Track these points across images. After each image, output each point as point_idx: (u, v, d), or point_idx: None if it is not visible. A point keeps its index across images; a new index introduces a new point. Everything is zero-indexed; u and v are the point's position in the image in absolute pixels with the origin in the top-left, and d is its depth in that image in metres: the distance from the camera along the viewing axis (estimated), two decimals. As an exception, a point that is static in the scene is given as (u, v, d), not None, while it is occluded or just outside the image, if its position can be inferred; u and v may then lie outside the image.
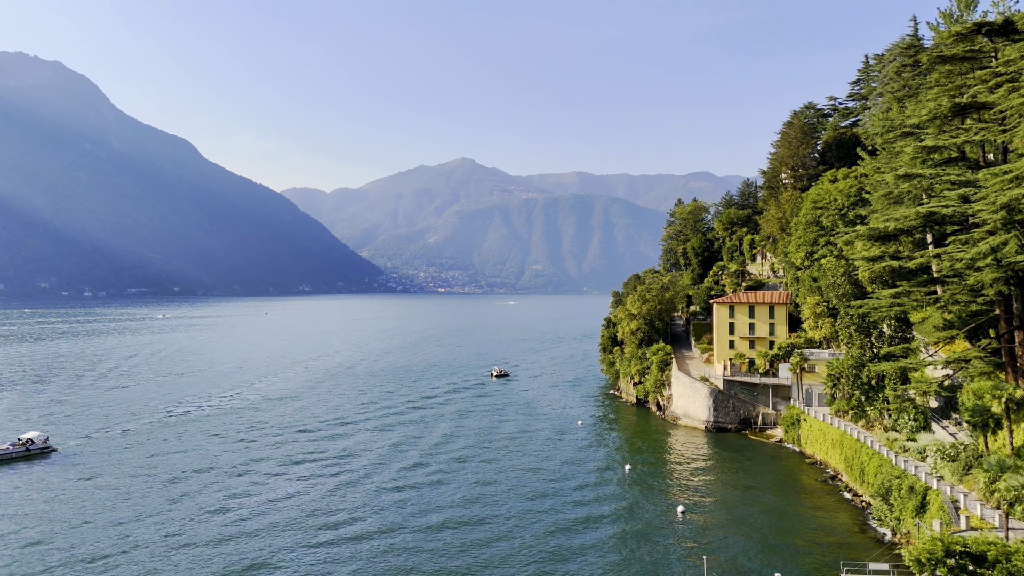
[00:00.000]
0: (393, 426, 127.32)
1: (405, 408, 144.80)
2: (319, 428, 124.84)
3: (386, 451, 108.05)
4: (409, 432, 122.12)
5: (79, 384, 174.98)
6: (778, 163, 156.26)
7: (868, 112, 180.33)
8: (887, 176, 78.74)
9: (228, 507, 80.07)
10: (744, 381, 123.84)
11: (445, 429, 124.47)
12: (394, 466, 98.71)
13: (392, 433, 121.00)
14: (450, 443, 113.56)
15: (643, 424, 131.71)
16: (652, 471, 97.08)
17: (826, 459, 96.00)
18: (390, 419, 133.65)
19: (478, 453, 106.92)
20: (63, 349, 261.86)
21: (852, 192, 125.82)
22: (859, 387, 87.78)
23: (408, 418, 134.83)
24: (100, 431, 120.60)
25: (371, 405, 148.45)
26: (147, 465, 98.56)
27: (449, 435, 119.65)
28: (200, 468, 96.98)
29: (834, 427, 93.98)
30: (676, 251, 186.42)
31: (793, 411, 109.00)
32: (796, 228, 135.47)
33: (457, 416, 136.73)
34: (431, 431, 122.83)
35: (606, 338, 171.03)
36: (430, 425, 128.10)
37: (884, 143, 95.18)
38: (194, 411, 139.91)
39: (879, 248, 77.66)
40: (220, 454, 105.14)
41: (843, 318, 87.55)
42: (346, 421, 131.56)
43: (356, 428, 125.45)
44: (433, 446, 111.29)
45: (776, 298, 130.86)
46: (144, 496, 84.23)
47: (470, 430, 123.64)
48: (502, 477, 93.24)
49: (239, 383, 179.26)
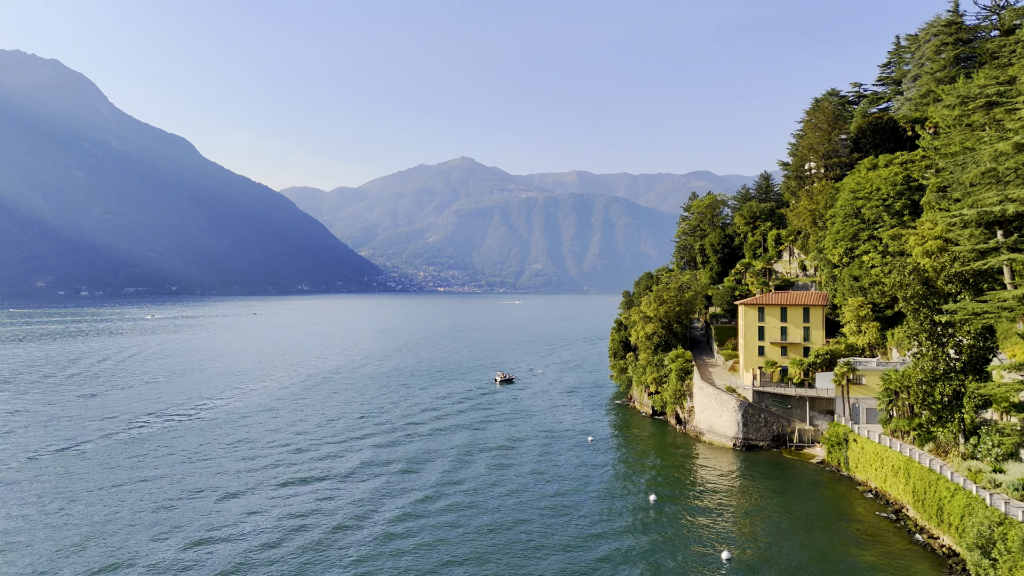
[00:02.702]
0: (383, 449, 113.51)
1: (400, 424, 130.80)
2: (300, 448, 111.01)
3: (373, 483, 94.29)
4: (400, 458, 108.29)
5: (37, 391, 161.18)
6: (806, 151, 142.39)
7: (901, 97, 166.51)
8: (983, 153, 64.78)
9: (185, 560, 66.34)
10: (776, 393, 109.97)
11: (443, 453, 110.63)
12: (383, 506, 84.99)
13: (381, 460, 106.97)
14: (450, 468, 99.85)
15: (662, 440, 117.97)
16: (681, 502, 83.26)
17: (884, 488, 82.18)
18: (381, 439, 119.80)
19: (481, 483, 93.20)
20: (34, 352, 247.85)
21: (898, 180, 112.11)
22: (929, 405, 73.94)
23: (401, 435, 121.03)
24: (46, 449, 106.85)
25: (360, 423, 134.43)
26: (92, 497, 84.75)
27: (449, 459, 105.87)
28: (154, 500, 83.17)
29: (895, 451, 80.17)
30: (693, 247, 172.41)
31: (838, 429, 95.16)
32: (832, 221, 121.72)
33: (458, 433, 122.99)
34: (427, 455, 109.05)
35: (617, 342, 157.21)
36: (426, 446, 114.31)
37: (959, 117, 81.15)
38: (161, 425, 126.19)
39: (969, 239, 63.70)
40: (174, 479, 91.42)
41: (910, 324, 73.76)
42: (331, 441, 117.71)
43: (342, 451, 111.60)
44: (430, 473, 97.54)
45: (811, 299, 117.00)
46: (81, 542, 70.45)
47: (472, 451, 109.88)
48: (509, 507, 79.57)
49: (215, 392, 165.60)
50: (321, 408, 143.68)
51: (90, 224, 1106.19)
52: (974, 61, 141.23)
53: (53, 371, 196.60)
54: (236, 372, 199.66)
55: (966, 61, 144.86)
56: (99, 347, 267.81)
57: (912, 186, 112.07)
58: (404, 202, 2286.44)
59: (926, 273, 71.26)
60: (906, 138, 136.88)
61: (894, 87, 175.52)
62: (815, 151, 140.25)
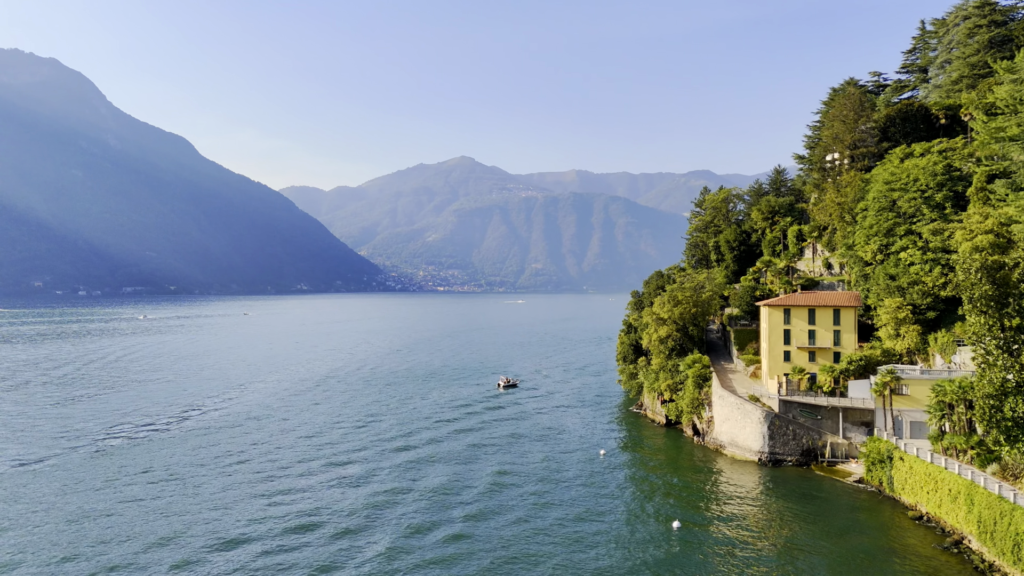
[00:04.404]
0: (371, 464, 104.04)
1: (393, 435, 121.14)
2: (281, 467, 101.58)
3: (358, 510, 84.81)
4: (391, 479, 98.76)
5: (9, 399, 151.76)
6: (830, 140, 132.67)
7: (929, 84, 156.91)
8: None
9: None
10: (805, 402, 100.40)
11: (441, 472, 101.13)
12: (366, 538, 75.52)
13: (367, 479, 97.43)
14: (448, 490, 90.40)
15: (679, 453, 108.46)
16: (709, 529, 73.66)
17: (938, 515, 72.61)
18: (371, 452, 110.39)
19: (484, 507, 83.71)
20: (15, 355, 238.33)
21: (938, 170, 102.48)
22: (997, 422, 64.41)
23: (394, 449, 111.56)
24: (7, 465, 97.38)
25: (349, 437, 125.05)
26: (54, 517, 75.26)
27: (447, 479, 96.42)
28: (121, 530, 73.68)
29: (953, 473, 70.61)
30: (706, 244, 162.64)
31: (880, 445, 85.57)
32: (863, 215, 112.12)
33: (458, 447, 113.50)
34: (422, 474, 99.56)
35: (626, 346, 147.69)
36: (421, 465, 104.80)
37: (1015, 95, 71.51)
38: (138, 435, 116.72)
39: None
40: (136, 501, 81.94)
41: (976, 329, 64.22)
42: (316, 459, 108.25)
43: (325, 467, 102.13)
44: (425, 496, 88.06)
45: (842, 300, 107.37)
46: None
47: (474, 468, 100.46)
48: (517, 537, 70.07)
49: (198, 398, 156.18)
50: (308, 418, 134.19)
51: (88, 223, 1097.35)
52: (1011, 44, 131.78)
53: (32, 376, 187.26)
54: (224, 377, 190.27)
55: (1001, 44, 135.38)
56: (85, 350, 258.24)
57: (954, 176, 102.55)
58: (404, 201, 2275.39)
59: (998, 272, 61.75)
60: (939, 126, 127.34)
61: (919, 74, 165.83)
62: (840, 140, 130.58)
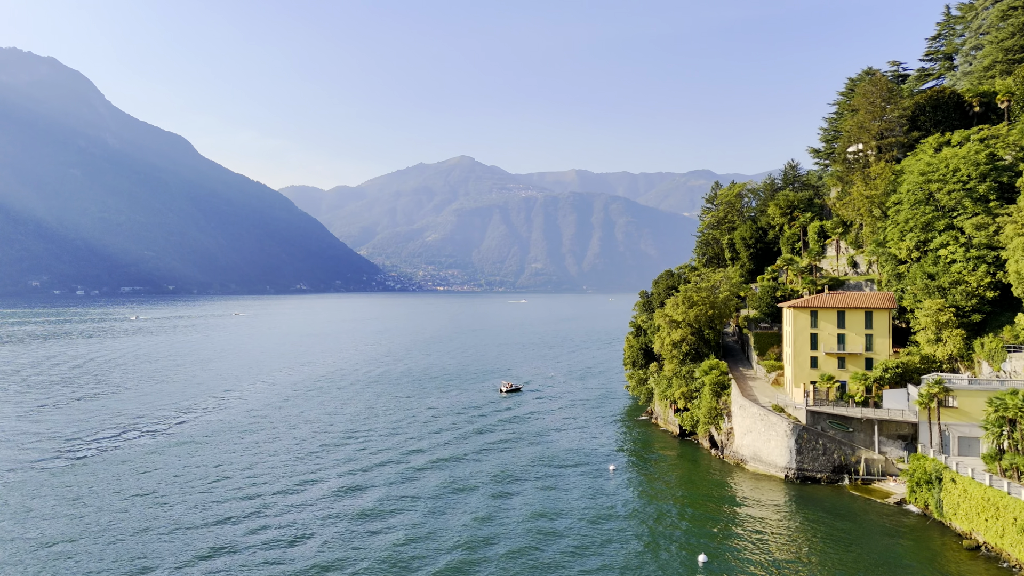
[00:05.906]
0: (359, 476, 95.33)
1: (389, 445, 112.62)
2: (269, 485, 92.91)
3: (342, 530, 76.17)
4: (380, 498, 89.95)
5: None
6: (855, 130, 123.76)
7: (956, 72, 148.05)
8: None
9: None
10: (836, 413, 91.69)
11: (437, 489, 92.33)
12: (346, 568, 66.86)
13: (355, 495, 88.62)
14: (444, 511, 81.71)
15: (696, 468, 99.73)
16: (738, 564, 64.85)
17: (1000, 546, 63.82)
18: (362, 463, 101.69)
19: (488, 532, 74.99)
20: (5, 355, 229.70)
21: (981, 159, 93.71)
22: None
23: (388, 459, 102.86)
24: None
25: (342, 445, 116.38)
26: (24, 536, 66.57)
27: (444, 497, 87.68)
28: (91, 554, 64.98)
29: (1018, 499, 61.85)
30: (720, 242, 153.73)
31: (926, 463, 76.73)
32: (897, 210, 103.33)
33: (458, 458, 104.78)
34: (416, 491, 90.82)
35: (635, 350, 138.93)
36: (415, 480, 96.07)
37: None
38: (119, 444, 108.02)
39: None
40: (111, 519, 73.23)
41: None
42: (302, 470, 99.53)
43: (312, 480, 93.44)
44: (417, 521, 79.37)
45: (875, 301, 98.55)
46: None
47: (475, 481, 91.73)
48: (521, 571, 61.49)
49: (184, 405, 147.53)
50: (298, 424, 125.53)
51: (86, 223, 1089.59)
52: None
53: (10, 381, 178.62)
54: (224, 379, 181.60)
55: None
56: (67, 352, 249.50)
57: (998, 166, 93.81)
58: (403, 201, 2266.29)
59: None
60: (972, 114, 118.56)
61: (944, 61, 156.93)
62: (866, 130, 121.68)
